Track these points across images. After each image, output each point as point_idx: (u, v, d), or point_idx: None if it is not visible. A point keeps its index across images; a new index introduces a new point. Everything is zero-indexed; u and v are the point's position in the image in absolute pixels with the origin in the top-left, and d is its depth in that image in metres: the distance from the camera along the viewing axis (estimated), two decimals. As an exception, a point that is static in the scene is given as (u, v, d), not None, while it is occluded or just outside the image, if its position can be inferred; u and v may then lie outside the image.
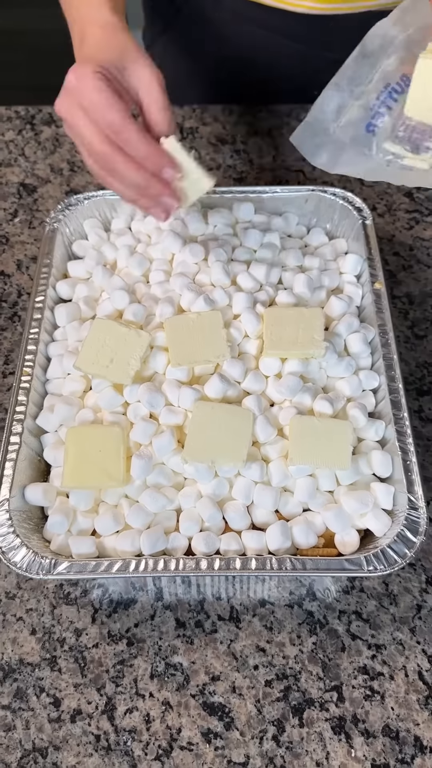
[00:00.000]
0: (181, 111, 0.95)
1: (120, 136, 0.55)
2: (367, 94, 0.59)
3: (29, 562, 0.52)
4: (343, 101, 0.60)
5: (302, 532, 0.53)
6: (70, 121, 0.56)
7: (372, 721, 0.53)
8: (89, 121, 0.55)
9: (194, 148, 0.91)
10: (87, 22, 0.61)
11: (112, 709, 0.53)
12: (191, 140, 0.92)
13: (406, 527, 0.53)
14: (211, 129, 0.93)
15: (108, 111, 0.54)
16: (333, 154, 0.60)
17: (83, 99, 0.55)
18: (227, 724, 0.52)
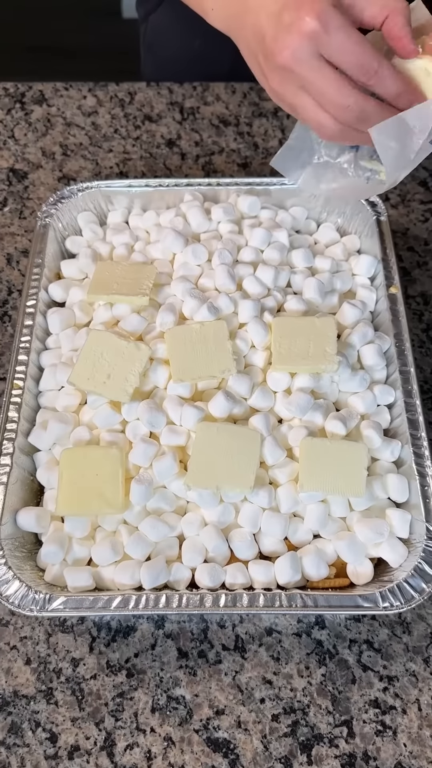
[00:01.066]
0: (182, 89, 0.90)
1: (373, 78, 0.49)
2: None
3: (22, 596, 0.49)
4: None
5: (313, 563, 0.51)
6: (308, 75, 0.49)
7: (384, 759, 0.51)
8: (332, 70, 0.49)
9: (195, 130, 0.85)
10: None
11: (111, 745, 0.51)
12: (192, 121, 0.86)
13: (424, 560, 0.50)
14: (213, 109, 0.88)
15: (361, 53, 0.48)
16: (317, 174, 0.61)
17: (329, 42, 0.48)
18: (232, 761, 0.51)
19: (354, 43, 0.48)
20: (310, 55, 0.49)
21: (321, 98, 0.51)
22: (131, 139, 0.85)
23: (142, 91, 0.90)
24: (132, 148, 0.84)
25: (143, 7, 0.94)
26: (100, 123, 0.87)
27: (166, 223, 0.66)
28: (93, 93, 0.90)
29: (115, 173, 0.82)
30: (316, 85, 0.50)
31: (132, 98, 0.89)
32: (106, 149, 0.84)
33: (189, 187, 0.69)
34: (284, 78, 0.51)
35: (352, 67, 0.49)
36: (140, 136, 0.85)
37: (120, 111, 0.88)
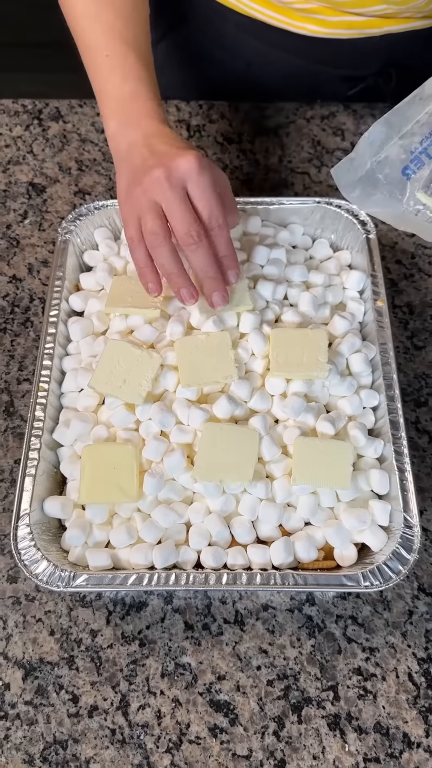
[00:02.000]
0: (188, 107, 0.96)
1: (215, 229, 0.58)
2: (411, 136, 0.57)
3: (50, 575, 0.56)
4: (389, 138, 0.58)
5: (304, 547, 0.57)
6: (164, 200, 0.58)
7: (365, 719, 0.57)
8: (186, 207, 0.57)
9: (201, 147, 0.92)
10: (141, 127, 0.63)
11: (126, 705, 0.58)
12: (198, 138, 0.93)
13: (401, 545, 0.57)
14: (217, 127, 0.94)
15: (217, 202, 0.58)
16: (365, 190, 0.59)
17: (193, 181, 0.57)
18: (232, 720, 0.57)
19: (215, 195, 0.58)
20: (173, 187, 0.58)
21: (172, 217, 0.59)
22: (142, 155, 0.91)
23: (151, 108, 0.96)
24: (142, 165, 0.90)
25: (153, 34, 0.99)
26: (113, 140, 0.93)
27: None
28: (106, 110, 0.96)
29: (126, 188, 0.88)
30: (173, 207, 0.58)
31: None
32: (118, 165, 0.90)
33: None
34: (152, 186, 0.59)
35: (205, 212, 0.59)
36: (150, 152, 0.91)
37: (131, 128, 0.94)
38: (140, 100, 0.63)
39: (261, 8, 0.83)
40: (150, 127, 0.62)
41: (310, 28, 0.81)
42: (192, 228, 0.57)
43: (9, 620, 0.61)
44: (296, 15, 0.81)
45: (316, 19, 0.80)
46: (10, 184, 0.88)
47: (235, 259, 0.62)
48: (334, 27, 0.80)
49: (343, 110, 0.95)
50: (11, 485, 0.67)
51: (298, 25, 0.81)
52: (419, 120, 0.57)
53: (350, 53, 0.84)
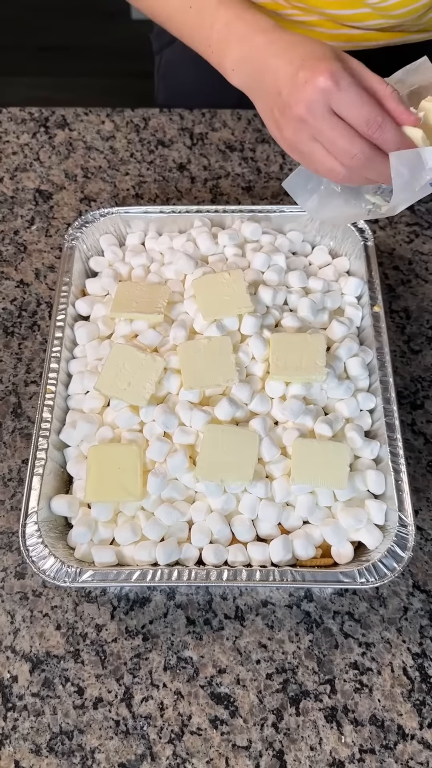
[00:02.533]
0: (192, 115, 0.98)
1: (377, 131, 0.55)
2: None
3: (57, 571, 0.57)
4: None
5: (302, 545, 0.59)
6: (320, 126, 0.55)
7: (360, 711, 0.59)
8: (342, 123, 0.55)
9: (204, 155, 0.94)
10: (249, 34, 0.61)
11: (129, 697, 0.59)
12: (201, 146, 0.95)
13: (396, 543, 0.58)
14: (220, 135, 0.96)
15: (368, 108, 0.54)
16: (322, 200, 0.63)
17: (340, 98, 0.54)
18: (232, 712, 0.59)
19: (362, 99, 0.54)
20: (323, 109, 0.55)
21: (331, 147, 0.57)
22: (146, 163, 0.93)
23: (155, 116, 0.98)
24: (146, 172, 0.92)
25: (158, 41, 1.02)
26: (118, 147, 0.95)
27: (179, 246, 0.75)
28: (111, 118, 0.98)
29: (131, 195, 0.90)
30: (327, 135, 0.56)
31: (146, 124, 0.97)
32: (123, 172, 0.92)
33: (198, 214, 0.78)
34: (298, 129, 0.58)
35: (359, 121, 0.55)
36: (154, 160, 0.94)
37: (135, 136, 0.96)
38: (239, 24, 0.62)
39: None
40: (268, 40, 0.60)
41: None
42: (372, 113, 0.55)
43: (17, 615, 0.63)
44: (296, 27, 0.83)
45: (316, 31, 0.82)
46: (18, 190, 0.91)
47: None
48: (333, 39, 0.81)
49: (342, 119, 0.97)
50: (19, 484, 0.69)
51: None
52: None
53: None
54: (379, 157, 0.57)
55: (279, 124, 0.60)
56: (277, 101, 0.59)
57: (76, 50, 2.47)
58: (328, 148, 0.57)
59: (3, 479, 0.69)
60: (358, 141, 0.56)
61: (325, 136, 0.57)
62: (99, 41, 2.50)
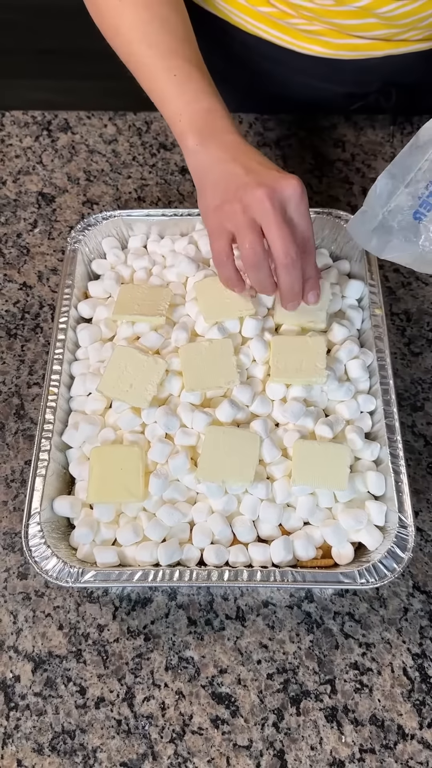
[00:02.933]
0: (193, 119, 0.98)
1: (307, 252, 0.61)
2: (416, 183, 0.62)
3: (59, 571, 0.58)
4: (395, 188, 0.63)
5: (303, 546, 0.60)
6: (266, 220, 0.59)
7: (361, 711, 0.59)
8: (288, 230, 0.59)
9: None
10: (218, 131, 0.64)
11: (131, 697, 0.60)
12: (203, 149, 0.95)
13: (396, 544, 0.59)
14: (221, 138, 0.96)
15: (311, 228, 0.60)
16: (381, 239, 0.64)
17: (294, 206, 0.59)
18: (233, 711, 0.59)
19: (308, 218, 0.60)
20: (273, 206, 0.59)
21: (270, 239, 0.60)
22: (148, 166, 0.94)
23: (157, 120, 0.99)
24: (149, 175, 0.93)
25: None
26: (120, 151, 0.96)
27: (180, 249, 0.75)
28: (113, 122, 0.99)
29: (133, 198, 0.91)
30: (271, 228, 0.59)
31: (149, 127, 0.98)
32: (125, 176, 0.93)
33: (200, 217, 0.78)
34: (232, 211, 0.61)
35: (298, 235, 0.61)
36: (156, 163, 0.94)
37: (138, 139, 0.97)
38: (217, 116, 0.64)
39: (267, 28, 0.85)
40: (234, 144, 0.63)
41: (315, 49, 0.83)
42: (291, 249, 0.59)
43: (19, 615, 0.63)
44: (302, 36, 0.84)
45: (321, 40, 0.82)
46: (21, 193, 0.91)
47: (318, 281, 0.64)
48: (339, 49, 0.82)
49: (344, 122, 0.97)
50: (22, 485, 0.69)
51: (303, 46, 0.84)
52: (421, 167, 0.61)
53: (353, 73, 0.87)
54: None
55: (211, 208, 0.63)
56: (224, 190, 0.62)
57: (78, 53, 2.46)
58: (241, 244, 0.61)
59: (6, 480, 0.70)
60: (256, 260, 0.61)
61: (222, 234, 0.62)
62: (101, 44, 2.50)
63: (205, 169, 0.64)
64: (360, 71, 0.87)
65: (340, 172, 0.93)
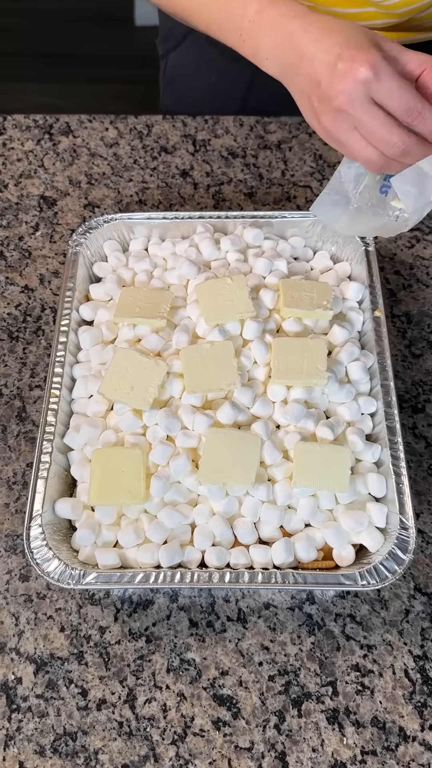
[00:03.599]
0: (194, 122, 0.99)
1: (417, 119, 0.56)
2: None
3: (61, 573, 0.58)
4: (359, 170, 0.65)
5: (304, 547, 0.60)
6: (360, 116, 0.56)
7: (362, 713, 0.59)
8: (382, 112, 0.55)
9: (206, 161, 0.95)
10: (282, 22, 0.61)
11: (133, 699, 0.60)
12: (204, 153, 0.96)
13: (397, 546, 0.59)
14: (222, 141, 0.97)
15: (408, 98, 0.55)
16: (351, 218, 0.66)
17: (379, 89, 0.55)
18: (234, 713, 0.59)
19: (401, 89, 0.55)
20: (363, 100, 0.55)
21: (370, 136, 0.57)
22: (149, 169, 0.94)
23: (158, 123, 0.99)
24: (150, 178, 0.93)
25: (164, 45, 1.02)
26: (121, 154, 0.96)
27: (181, 252, 0.75)
28: (114, 125, 0.99)
29: (134, 201, 0.91)
30: (367, 125, 0.56)
31: (150, 130, 0.98)
32: (126, 179, 0.93)
33: (201, 219, 0.78)
34: (337, 119, 0.58)
35: (399, 110, 0.55)
36: (157, 166, 0.94)
37: (139, 143, 0.97)
38: (275, 10, 0.62)
39: None
40: (302, 25, 0.60)
41: None
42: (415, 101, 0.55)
43: (21, 617, 0.63)
44: None
45: None
46: (22, 197, 0.92)
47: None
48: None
49: (344, 125, 0.97)
50: (24, 487, 0.70)
51: None
52: None
53: None
54: (419, 144, 0.57)
55: (317, 113, 0.60)
56: (316, 91, 0.59)
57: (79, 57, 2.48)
58: (367, 137, 0.58)
59: (8, 482, 0.70)
60: (398, 130, 0.56)
61: (365, 127, 0.57)
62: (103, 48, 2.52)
63: (284, 76, 0.62)
64: None
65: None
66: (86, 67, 2.46)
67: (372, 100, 0.56)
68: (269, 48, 0.63)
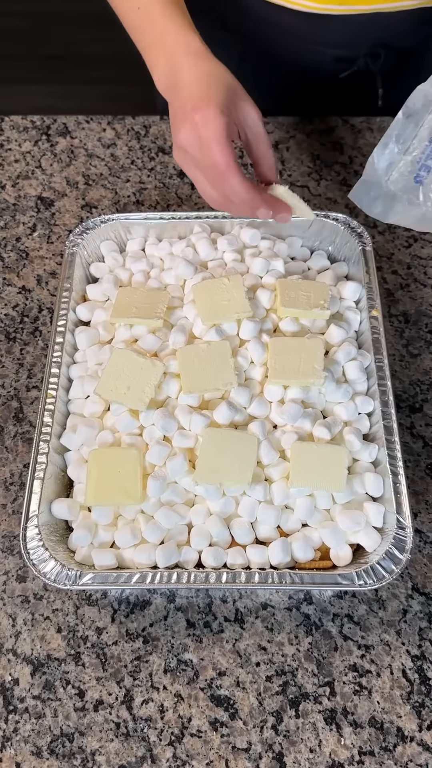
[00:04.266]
0: (192, 122, 0.98)
1: (221, 180, 0.61)
2: (413, 150, 0.65)
3: (57, 573, 0.58)
4: (393, 158, 0.66)
5: (301, 547, 0.60)
6: (192, 164, 0.62)
7: (360, 713, 0.59)
8: (196, 166, 0.62)
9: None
10: (176, 52, 0.65)
11: (130, 700, 0.60)
12: (201, 153, 0.95)
13: (394, 545, 0.59)
14: (220, 142, 0.97)
15: (217, 154, 0.59)
16: (386, 205, 0.67)
17: (194, 156, 0.61)
18: (232, 714, 0.59)
19: (208, 160, 0.60)
20: (192, 145, 0.61)
21: (199, 184, 0.64)
22: (146, 170, 0.94)
23: (156, 124, 0.99)
24: (147, 179, 0.93)
25: None
26: (119, 155, 0.96)
27: (178, 252, 0.75)
28: (112, 126, 0.99)
29: (132, 202, 0.91)
30: (193, 175, 0.64)
31: (147, 131, 0.98)
32: (123, 179, 0.93)
33: (198, 220, 0.78)
34: (179, 154, 0.64)
35: (207, 166, 0.61)
36: (154, 167, 0.94)
37: (136, 143, 0.97)
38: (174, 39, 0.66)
39: None
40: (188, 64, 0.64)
41: (304, 3, 0.83)
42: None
43: (18, 618, 0.63)
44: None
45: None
46: (20, 197, 0.92)
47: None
48: (327, 2, 0.82)
49: (341, 125, 0.97)
50: (20, 488, 0.70)
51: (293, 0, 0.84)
52: (416, 134, 0.65)
53: (341, 33, 0.87)
54: (234, 205, 0.63)
55: (173, 143, 0.65)
56: (173, 122, 0.64)
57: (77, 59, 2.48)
58: (200, 181, 0.64)
59: (5, 483, 0.70)
60: (212, 190, 0.63)
61: (195, 174, 0.64)
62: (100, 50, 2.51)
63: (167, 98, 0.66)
64: (348, 31, 0.87)
65: (338, 174, 0.93)
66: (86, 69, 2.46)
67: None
68: (162, 70, 0.67)
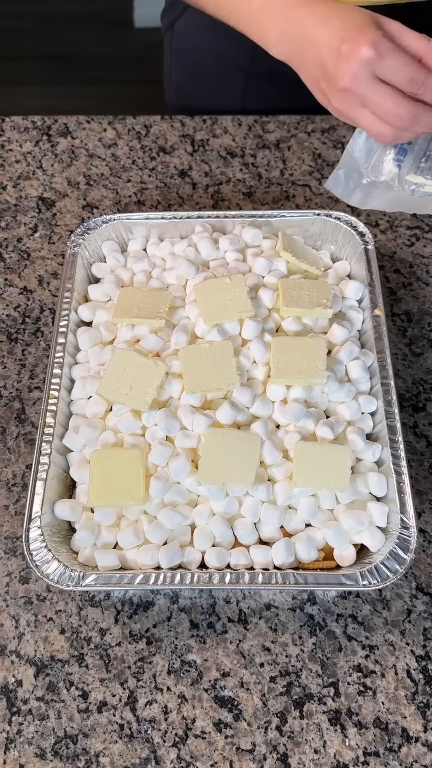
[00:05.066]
0: (192, 122, 0.98)
1: (421, 88, 0.58)
2: None
3: (60, 575, 0.58)
4: (371, 145, 0.66)
5: (304, 547, 0.59)
6: (366, 93, 0.59)
7: (364, 714, 0.59)
8: (387, 87, 0.59)
9: (205, 161, 0.94)
10: (288, 6, 0.63)
11: (133, 701, 0.60)
12: (202, 153, 0.95)
13: (398, 545, 0.59)
14: (221, 141, 0.97)
15: (409, 67, 0.58)
16: (365, 192, 0.67)
17: (382, 65, 0.58)
18: (236, 715, 0.59)
19: (403, 62, 0.58)
20: (368, 77, 0.59)
21: (379, 111, 0.60)
22: (147, 170, 0.94)
23: (157, 124, 0.99)
24: (148, 179, 0.93)
25: (168, 17, 1.00)
26: (120, 155, 0.96)
27: (180, 252, 0.75)
28: (113, 126, 0.99)
29: (133, 202, 0.91)
30: (374, 101, 0.60)
31: (148, 131, 0.98)
32: (125, 179, 0.93)
33: (199, 219, 0.78)
34: (346, 99, 0.61)
35: (403, 82, 0.58)
36: (155, 167, 0.94)
37: (137, 143, 0.97)
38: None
39: None
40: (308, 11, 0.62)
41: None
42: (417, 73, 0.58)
43: (21, 619, 0.63)
44: None
45: None
46: (21, 198, 0.91)
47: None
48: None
49: (342, 124, 0.97)
50: (23, 489, 0.69)
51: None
52: None
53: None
54: (427, 112, 0.60)
55: (327, 95, 0.63)
56: (323, 74, 0.62)
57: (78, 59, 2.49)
58: (376, 112, 0.61)
59: (7, 484, 0.70)
60: (404, 102, 0.59)
61: (373, 103, 0.60)
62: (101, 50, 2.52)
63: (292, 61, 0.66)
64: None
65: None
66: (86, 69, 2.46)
67: (376, 77, 0.59)
68: (276, 34, 0.66)
